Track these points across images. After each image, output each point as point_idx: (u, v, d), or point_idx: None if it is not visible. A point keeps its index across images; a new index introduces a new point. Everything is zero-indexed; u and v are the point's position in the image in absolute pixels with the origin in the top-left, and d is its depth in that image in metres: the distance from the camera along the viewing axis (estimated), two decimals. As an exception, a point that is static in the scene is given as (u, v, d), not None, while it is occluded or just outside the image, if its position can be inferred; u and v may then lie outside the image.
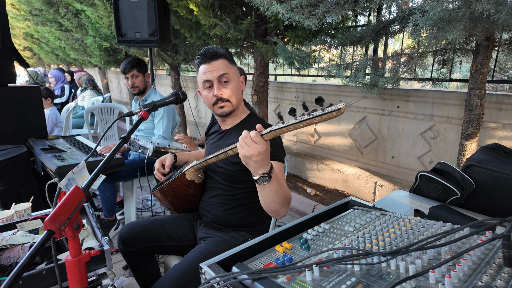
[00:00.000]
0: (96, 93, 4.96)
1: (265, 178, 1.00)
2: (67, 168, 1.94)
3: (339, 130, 3.69)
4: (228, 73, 1.32)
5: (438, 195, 1.28)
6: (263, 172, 0.99)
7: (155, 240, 1.46)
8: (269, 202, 1.09)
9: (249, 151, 0.94)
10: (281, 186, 1.08)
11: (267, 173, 0.99)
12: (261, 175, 0.99)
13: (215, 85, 1.31)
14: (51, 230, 0.73)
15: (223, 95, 1.32)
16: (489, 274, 0.64)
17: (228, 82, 1.32)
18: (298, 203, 3.23)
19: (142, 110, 1.22)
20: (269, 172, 1.00)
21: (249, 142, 0.94)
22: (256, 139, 0.93)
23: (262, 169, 0.98)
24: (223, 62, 1.32)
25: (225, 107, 1.35)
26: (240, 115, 1.44)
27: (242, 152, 0.96)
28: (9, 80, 2.57)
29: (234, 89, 1.34)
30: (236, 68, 1.39)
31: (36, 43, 9.26)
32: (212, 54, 1.32)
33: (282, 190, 1.08)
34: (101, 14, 3.99)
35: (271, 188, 1.04)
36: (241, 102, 1.43)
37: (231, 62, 1.36)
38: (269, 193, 1.06)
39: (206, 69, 1.31)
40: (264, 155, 0.95)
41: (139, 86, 2.66)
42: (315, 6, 2.22)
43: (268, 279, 0.68)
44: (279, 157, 1.29)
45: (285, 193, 1.11)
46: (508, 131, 2.51)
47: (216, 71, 1.30)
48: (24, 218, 1.34)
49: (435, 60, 2.83)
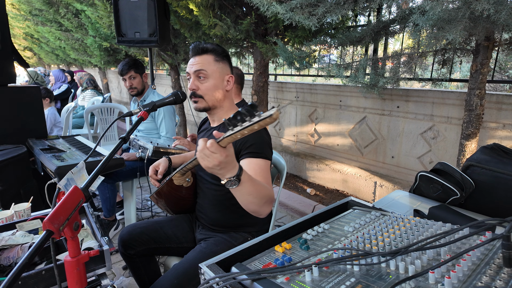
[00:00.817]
0: (97, 93, 4.97)
1: (233, 182, 0.97)
2: (66, 168, 1.93)
3: (339, 130, 3.69)
4: (206, 69, 1.30)
5: (438, 195, 1.28)
6: (230, 176, 0.96)
7: (155, 242, 1.46)
8: (246, 204, 1.07)
9: (210, 162, 0.92)
10: (256, 186, 1.05)
11: (234, 176, 0.96)
12: (228, 179, 0.97)
13: (191, 79, 1.32)
14: (50, 231, 0.73)
15: (196, 90, 1.31)
16: (489, 275, 0.64)
17: (205, 78, 1.31)
18: (298, 203, 3.23)
19: (142, 110, 1.22)
20: (237, 175, 0.96)
21: (208, 153, 0.90)
22: (213, 149, 0.89)
23: (228, 174, 0.96)
24: (207, 58, 1.31)
25: (198, 103, 1.34)
26: (228, 112, 1.40)
27: (204, 164, 0.94)
28: (9, 80, 2.57)
29: (211, 86, 1.31)
30: (223, 66, 1.35)
31: (36, 43, 9.26)
32: (198, 49, 1.32)
33: (257, 190, 1.05)
34: (101, 14, 3.99)
35: (244, 190, 1.01)
36: (223, 100, 1.38)
37: (218, 59, 1.34)
38: (243, 195, 1.03)
39: (190, 62, 1.34)
40: (225, 162, 0.92)
41: (137, 87, 2.66)
42: (315, 6, 2.22)
43: (268, 279, 0.68)
44: (264, 155, 1.25)
45: (262, 192, 1.07)
46: (508, 131, 2.51)
47: (196, 65, 1.31)
48: (24, 218, 1.34)
49: (435, 60, 2.82)
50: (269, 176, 1.24)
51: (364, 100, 3.36)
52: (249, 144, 1.25)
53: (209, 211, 1.43)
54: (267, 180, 1.21)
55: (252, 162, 1.22)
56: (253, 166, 1.21)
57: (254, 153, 1.23)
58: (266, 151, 1.28)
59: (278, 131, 4.52)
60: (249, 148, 1.24)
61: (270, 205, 1.12)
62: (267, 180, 1.21)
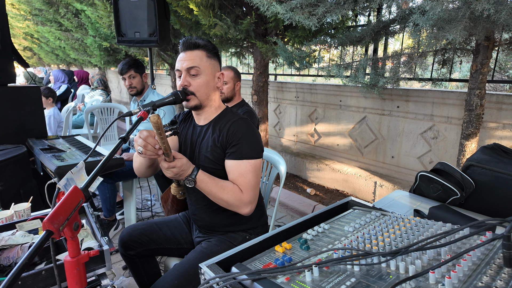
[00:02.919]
0: (106, 94, 4.92)
1: (190, 181, 1.18)
2: (66, 168, 1.93)
3: (339, 130, 3.69)
4: (199, 66, 1.26)
5: (438, 195, 1.28)
6: (187, 176, 1.17)
7: (154, 243, 1.45)
8: (214, 201, 1.25)
9: (169, 174, 1.15)
10: (213, 188, 1.21)
11: (189, 176, 1.17)
12: (185, 178, 1.18)
13: (183, 76, 1.28)
14: (50, 231, 0.73)
15: (188, 86, 1.27)
16: (489, 275, 0.64)
17: (197, 75, 1.27)
18: (298, 203, 3.23)
19: (141, 110, 1.21)
20: (194, 175, 1.18)
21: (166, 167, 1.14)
22: (171, 165, 1.13)
23: (185, 175, 1.17)
24: (199, 54, 1.28)
25: (190, 100, 1.29)
26: (217, 110, 1.38)
27: (168, 175, 1.15)
28: (8, 80, 2.57)
29: (203, 83, 1.28)
30: (215, 62, 1.33)
31: (36, 43, 9.27)
32: (189, 44, 1.28)
33: (214, 192, 1.22)
34: (101, 14, 3.99)
35: (201, 189, 1.22)
36: (214, 98, 1.35)
37: (210, 55, 1.30)
38: (203, 192, 1.24)
39: (180, 58, 1.30)
40: (180, 170, 1.15)
41: (137, 86, 2.67)
42: (315, 6, 2.22)
43: (268, 279, 0.68)
44: (249, 155, 1.25)
45: (220, 197, 1.22)
46: (508, 131, 2.51)
47: (187, 62, 1.26)
48: (24, 218, 1.34)
49: (435, 60, 2.82)
50: (250, 179, 1.24)
51: (364, 100, 3.36)
52: (235, 143, 1.25)
53: (204, 214, 1.41)
54: (247, 183, 1.23)
55: (234, 164, 1.26)
56: (235, 169, 1.26)
57: (239, 154, 1.25)
58: (253, 151, 1.26)
59: (278, 131, 4.52)
60: (235, 147, 1.25)
61: (244, 206, 1.23)
62: (246, 183, 1.23)
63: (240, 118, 1.31)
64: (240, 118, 1.31)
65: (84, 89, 5.71)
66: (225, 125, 1.29)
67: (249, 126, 1.30)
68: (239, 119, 1.30)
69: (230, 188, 1.23)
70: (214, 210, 1.37)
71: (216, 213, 1.38)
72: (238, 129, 1.26)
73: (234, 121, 1.29)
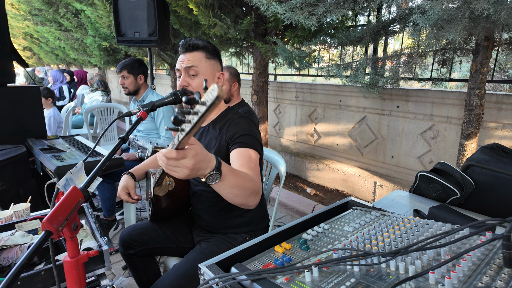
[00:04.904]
0: (106, 95, 4.91)
1: (215, 175, 0.86)
2: (66, 168, 1.93)
3: (338, 130, 3.69)
4: (197, 66, 1.29)
5: (438, 195, 1.28)
6: (210, 171, 0.85)
7: (154, 242, 1.45)
8: (231, 197, 0.96)
9: (182, 171, 0.79)
10: (239, 176, 0.96)
11: (214, 169, 0.85)
12: (208, 175, 0.85)
13: (182, 76, 1.30)
14: (49, 231, 0.72)
15: (187, 86, 1.29)
16: (489, 275, 0.64)
17: (196, 75, 1.29)
18: (297, 203, 3.22)
19: (141, 110, 1.21)
20: (216, 167, 0.85)
21: (174, 164, 0.79)
22: (180, 155, 0.77)
23: (208, 169, 0.84)
24: (198, 55, 1.30)
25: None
26: (216, 111, 1.38)
27: (178, 176, 0.81)
28: (8, 80, 2.57)
29: (202, 83, 1.29)
30: (214, 63, 1.35)
31: (36, 43, 9.27)
32: (188, 46, 1.31)
33: (242, 181, 0.96)
34: (101, 14, 3.99)
35: (227, 183, 0.90)
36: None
37: (209, 56, 1.33)
38: (227, 188, 0.92)
39: (180, 59, 1.32)
40: (199, 161, 0.80)
41: (128, 87, 2.70)
42: (315, 6, 2.22)
43: (267, 279, 0.68)
44: (254, 146, 1.21)
45: (247, 183, 0.98)
46: (508, 131, 2.51)
47: (186, 62, 1.29)
48: (23, 218, 1.34)
49: (435, 60, 2.82)
50: (257, 168, 1.18)
51: (364, 100, 3.35)
52: (238, 135, 1.24)
53: (205, 214, 1.42)
54: (255, 171, 1.14)
55: (241, 151, 1.19)
56: (242, 155, 1.17)
57: (243, 143, 1.22)
58: (256, 144, 1.25)
59: (278, 131, 4.52)
60: (239, 139, 1.23)
61: (257, 196, 1.04)
62: (254, 171, 1.13)
63: (240, 117, 1.33)
64: (240, 116, 1.33)
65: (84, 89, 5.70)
66: (226, 124, 1.30)
67: (250, 123, 1.31)
68: (239, 117, 1.32)
69: (247, 174, 1.05)
70: (216, 212, 1.38)
71: (218, 214, 1.39)
72: (239, 125, 1.28)
73: (234, 120, 1.31)
